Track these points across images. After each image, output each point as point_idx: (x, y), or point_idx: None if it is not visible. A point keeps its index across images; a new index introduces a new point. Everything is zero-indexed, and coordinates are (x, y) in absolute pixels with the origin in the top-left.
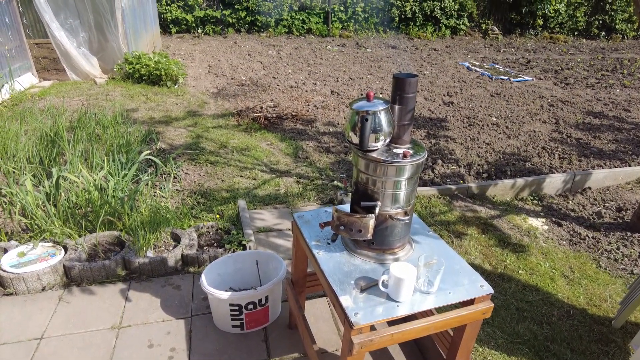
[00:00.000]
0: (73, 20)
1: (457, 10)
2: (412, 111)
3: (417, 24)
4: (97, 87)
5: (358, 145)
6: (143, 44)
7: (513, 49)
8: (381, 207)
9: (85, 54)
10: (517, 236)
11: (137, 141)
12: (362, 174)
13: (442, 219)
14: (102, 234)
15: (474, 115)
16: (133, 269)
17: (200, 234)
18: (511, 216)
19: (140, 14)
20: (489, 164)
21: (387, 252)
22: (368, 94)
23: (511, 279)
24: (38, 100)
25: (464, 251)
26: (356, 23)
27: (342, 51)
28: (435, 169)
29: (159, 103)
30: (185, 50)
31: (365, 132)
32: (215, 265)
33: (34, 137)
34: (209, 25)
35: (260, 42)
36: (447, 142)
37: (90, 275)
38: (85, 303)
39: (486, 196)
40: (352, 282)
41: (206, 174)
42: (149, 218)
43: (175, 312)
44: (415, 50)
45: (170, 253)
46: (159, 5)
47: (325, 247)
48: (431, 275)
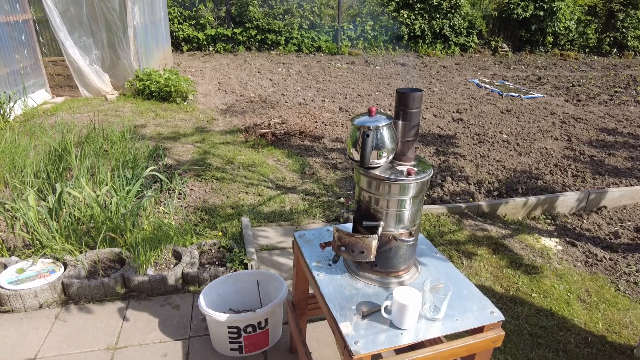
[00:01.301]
0: (87, 38)
1: (467, 28)
2: (417, 127)
3: (427, 41)
4: (107, 103)
5: (359, 162)
6: (154, 61)
7: (523, 66)
8: (384, 228)
9: (97, 71)
10: (529, 257)
11: (144, 157)
12: (365, 192)
13: (451, 239)
14: (103, 250)
15: (484, 132)
16: (132, 287)
17: (202, 251)
18: (523, 236)
19: (153, 32)
20: (499, 182)
21: (391, 275)
22: (370, 109)
23: (524, 302)
24: (50, 116)
25: (474, 272)
26: (365, 41)
27: (351, 69)
28: (445, 187)
29: (167, 119)
30: (196, 67)
31: (367, 149)
32: (215, 285)
33: (42, 152)
34: (220, 43)
35: (270, 60)
36: (456, 159)
37: (89, 293)
38: (82, 322)
39: (497, 215)
40: (353, 307)
41: (211, 190)
42: (150, 235)
43: (173, 333)
44: (424, 67)
45: (171, 271)
46: (171, 24)
47: (326, 269)
48: (437, 300)
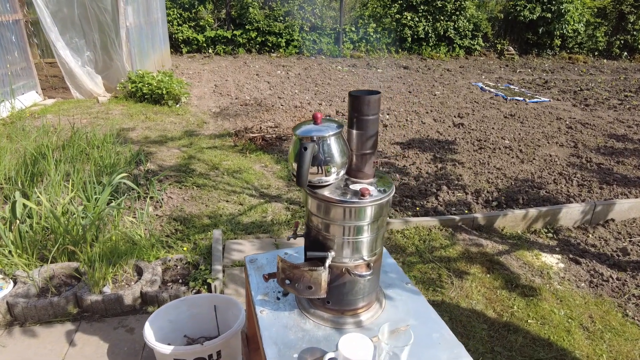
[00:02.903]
0: (78, 39)
1: (472, 30)
2: (374, 137)
3: (430, 44)
4: (98, 105)
5: (295, 180)
6: (150, 63)
7: (530, 70)
8: (336, 258)
9: (89, 73)
10: (527, 276)
11: (125, 162)
12: (313, 216)
13: (442, 255)
14: (59, 265)
15: (485, 138)
16: (85, 307)
17: (168, 267)
18: (522, 252)
19: (148, 33)
20: (499, 191)
21: (347, 314)
22: (315, 115)
23: (518, 329)
24: (37, 118)
25: (464, 294)
26: (367, 43)
27: (352, 71)
28: (440, 196)
29: (157, 122)
30: (194, 69)
31: (303, 165)
32: (166, 310)
33: (17, 156)
34: (219, 45)
35: (270, 63)
36: (454, 166)
37: (35, 314)
38: (22, 348)
39: (494, 228)
40: (295, 355)
41: (190, 198)
42: (109, 248)
43: None
44: (427, 70)
45: (127, 290)
46: (170, 26)
47: (272, 304)
48: (398, 348)
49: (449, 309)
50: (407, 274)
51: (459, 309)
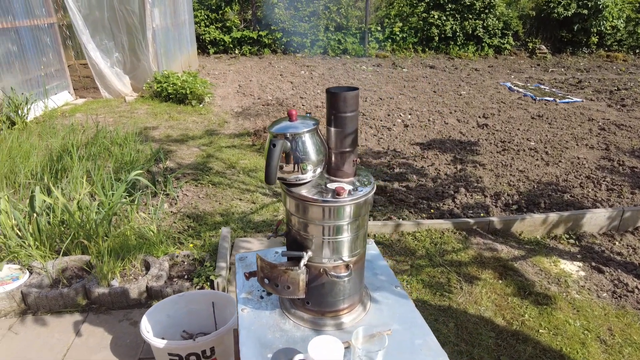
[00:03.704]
0: (108, 41)
1: (501, 28)
2: (353, 135)
3: (458, 43)
4: (125, 104)
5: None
6: (176, 63)
7: (563, 69)
8: (314, 259)
9: (118, 73)
10: (542, 284)
11: (146, 159)
12: (291, 215)
13: (452, 259)
14: (72, 257)
15: (509, 139)
16: (93, 299)
17: (175, 263)
18: (539, 258)
19: (175, 35)
20: (520, 195)
21: (328, 316)
22: (290, 112)
23: (528, 339)
24: (67, 117)
25: (472, 300)
26: (393, 43)
27: (376, 71)
28: (457, 198)
29: (180, 121)
30: (220, 70)
31: (272, 162)
32: (164, 306)
33: (46, 153)
34: (245, 46)
35: (295, 63)
36: (475, 168)
37: (47, 303)
38: (33, 336)
39: (511, 233)
40: (269, 355)
41: (205, 196)
42: (119, 243)
43: (122, 354)
44: (454, 70)
45: (134, 284)
46: (197, 27)
47: (255, 303)
48: (372, 353)
49: (455, 314)
50: (415, 277)
51: (466, 315)
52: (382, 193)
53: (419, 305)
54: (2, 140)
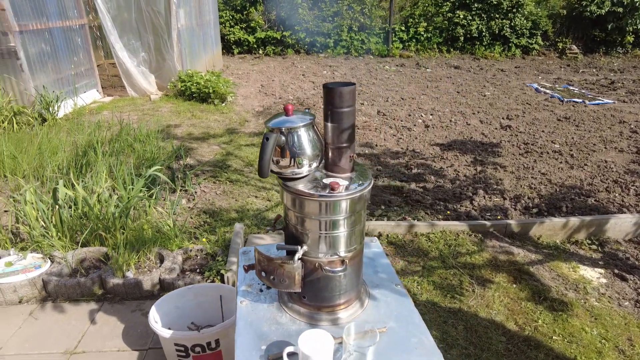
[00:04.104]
0: (135, 41)
1: (530, 28)
2: (350, 130)
3: (484, 43)
4: (150, 103)
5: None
6: (201, 63)
7: (594, 69)
8: (310, 253)
9: (143, 72)
10: (559, 289)
11: (167, 156)
12: (288, 210)
13: (466, 261)
14: (91, 248)
15: (533, 141)
16: (108, 289)
17: (189, 257)
18: (557, 263)
19: (200, 35)
20: (541, 198)
21: (324, 310)
22: (286, 107)
23: (541, 345)
24: (94, 114)
25: (484, 303)
26: (418, 43)
27: (399, 71)
28: (475, 200)
29: (202, 120)
30: (244, 70)
31: (264, 156)
32: (172, 297)
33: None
34: (269, 46)
35: (317, 63)
36: (495, 170)
37: (65, 291)
38: (51, 321)
39: (529, 236)
40: (263, 347)
41: (222, 193)
42: (135, 236)
43: (133, 342)
44: (479, 70)
45: (147, 276)
46: (222, 27)
47: (254, 296)
48: (363, 348)
49: (465, 317)
50: (426, 278)
51: (476, 318)
52: (398, 194)
53: (428, 307)
54: (34, 135)
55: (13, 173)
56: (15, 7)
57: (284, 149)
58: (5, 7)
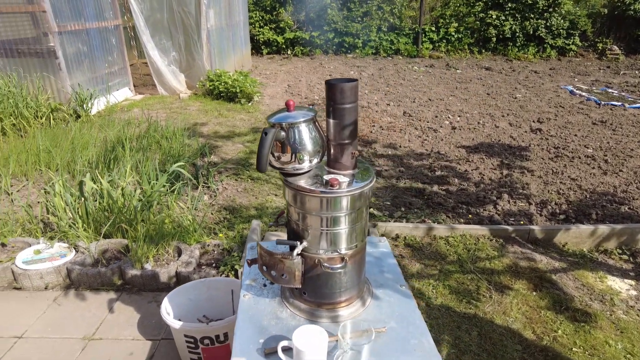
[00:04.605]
0: (166, 41)
1: (567, 28)
2: (352, 126)
3: (517, 44)
4: (179, 101)
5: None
6: (229, 63)
7: (637, 71)
8: (310, 249)
9: (174, 71)
10: (583, 300)
11: (192, 153)
12: (290, 206)
13: (485, 266)
14: (113, 240)
15: (564, 145)
16: (127, 279)
17: (206, 251)
18: (582, 272)
19: (229, 35)
20: (569, 204)
21: (324, 308)
22: (287, 102)
23: (559, 356)
24: (125, 111)
25: (501, 310)
26: (448, 43)
27: (428, 72)
28: (499, 205)
29: (228, 118)
30: (272, 70)
31: (262, 150)
32: (185, 289)
33: (102, 144)
34: (298, 46)
35: (345, 63)
36: (522, 173)
37: (87, 280)
38: (73, 308)
39: (553, 243)
40: (261, 340)
41: (243, 190)
42: (155, 230)
43: (147, 332)
44: (511, 72)
45: (164, 269)
46: (252, 28)
47: (257, 290)
48: (358, 346)
49: (480, 323)
50: (442, 282)
51: (492, 325)
52: (419, 196)
53: (442, 311)
54: (68, 131)
55: (47, 166)
56: (55, 8)
57: (284, 145)
58: (47, 8)
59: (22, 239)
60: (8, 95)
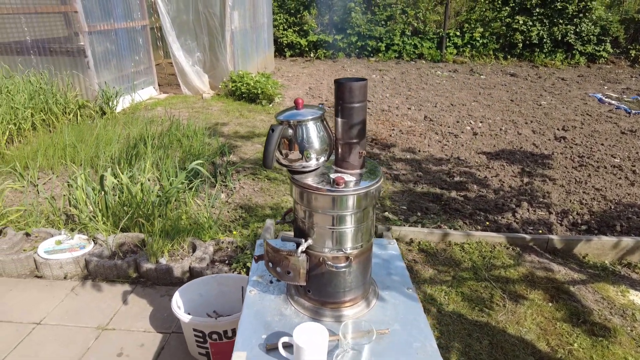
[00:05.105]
0: (191, 41)
1: (598, 34)
2: (360, 126)
3: (545, 50)
4: (202, 101)
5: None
6: (252, 64)
7: None
8: (315, 247)
9: (197, 72)
10: (602, 313)
11: (212, 152)
12: (296, 203)
13: (500, 275)
14: (130, 234)
15: (589, 154)
16: (142, 272)
17: (220, 248)
18: (603, 285)
19: (253, 37)
20: (592, 214)
21: (328, 307)
22: (297, 100)
23: None
24: (149, 110)
25: (514, 320)
26: (473, 49)
27: (451, 77)
28: (518, 213)
29: (249, 119)
30: (294, 72)
31: (269, 146)
32: (196, 285)
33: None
34: (320, 49)
35: (368, 67)
36: (543, 182)
37: (103, 272)
38: (89, 298)
39: (573, 254)
40: (264, 336)
41: (260, 190)
42: (171, 225)
43: (159, 325)
44: (537, 79)
45: (178, 264)
46: (276, 30)
47: (263, 286)
48: (359, 346)
49: (492, 332)
50: (455, 289)
51: (504, 334)
52: (436, 201)
53: (453, 318)
54: (93, 127)
55: (72, 160)
56: (86, 9)
57: (291, 142)
58: (78, 9)
59: (45, 230)
60: (39, 92)
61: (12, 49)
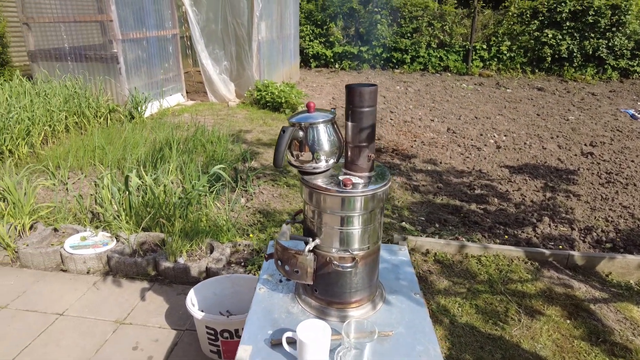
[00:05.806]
0: (219, 50)
1: (632, 49)
2: (369, 130)
3: (575, 64)
4: (227, 109)
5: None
6: (278, 74)
7: None
8: (322, 247)
9: (224, 80)
10: (625, 334)
11: (234, 158)
12: (305, 204)
13: (516, 289)
14: (152, 233)
15: (618, 171)
16: (160, 271)
17: (236, 250)
18: (627, 305)
19: (279, 47)
20: (618, 232)
21: (334, 306)
22: (308, 104)
23: None
24: (176, 116)
25: (529, 335)
26: (500, 62)
27: (477, 90)
28: (538, 228)
29: (272, 127)
30: (318, 83)
31: (280, 147)
32: (211, 283)
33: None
34: (345, 60)
35: (392, 78)
36: (567, 198)
37: (124, 268)
38: (109, 293)
39: (595, 271)
40: (270, 331)
41: (279, 196)
42: (190, 226)
43: (173, 322)
44: (566, 93)
45: (195, 263)
46: (302, 41)
47: (273, 285)
48: (360, 344)
49: (505, 346)
50: (469, 301)
51: (518, 349)
52: (455, 213)
53: (466, 330)
54: (122, 131)
55: (101, 162)
56: (121, 18)
57: (302, 143)
58: (114, 18)
59: (72, 226)
60: (74, 96)
61: (51, 55)
